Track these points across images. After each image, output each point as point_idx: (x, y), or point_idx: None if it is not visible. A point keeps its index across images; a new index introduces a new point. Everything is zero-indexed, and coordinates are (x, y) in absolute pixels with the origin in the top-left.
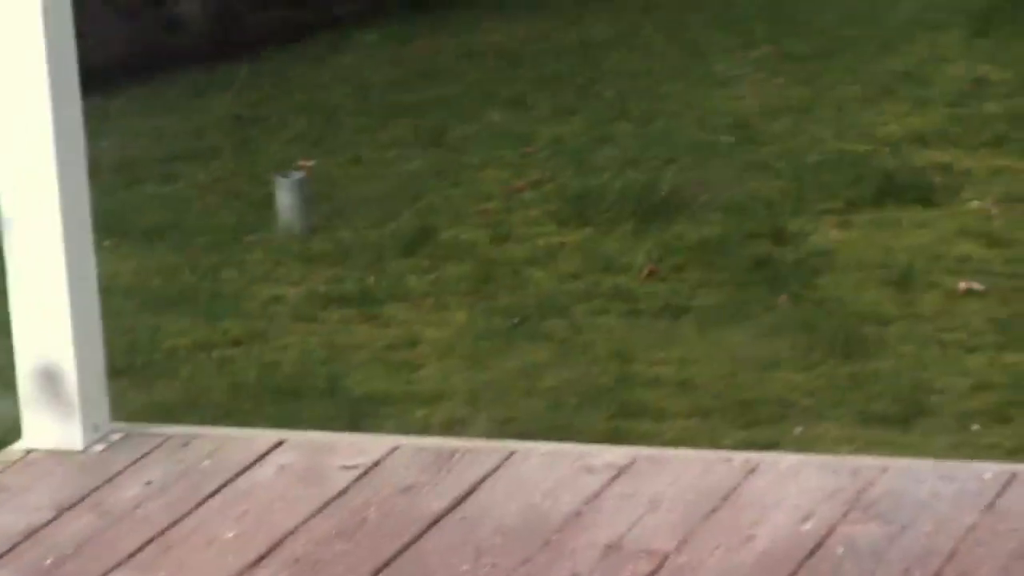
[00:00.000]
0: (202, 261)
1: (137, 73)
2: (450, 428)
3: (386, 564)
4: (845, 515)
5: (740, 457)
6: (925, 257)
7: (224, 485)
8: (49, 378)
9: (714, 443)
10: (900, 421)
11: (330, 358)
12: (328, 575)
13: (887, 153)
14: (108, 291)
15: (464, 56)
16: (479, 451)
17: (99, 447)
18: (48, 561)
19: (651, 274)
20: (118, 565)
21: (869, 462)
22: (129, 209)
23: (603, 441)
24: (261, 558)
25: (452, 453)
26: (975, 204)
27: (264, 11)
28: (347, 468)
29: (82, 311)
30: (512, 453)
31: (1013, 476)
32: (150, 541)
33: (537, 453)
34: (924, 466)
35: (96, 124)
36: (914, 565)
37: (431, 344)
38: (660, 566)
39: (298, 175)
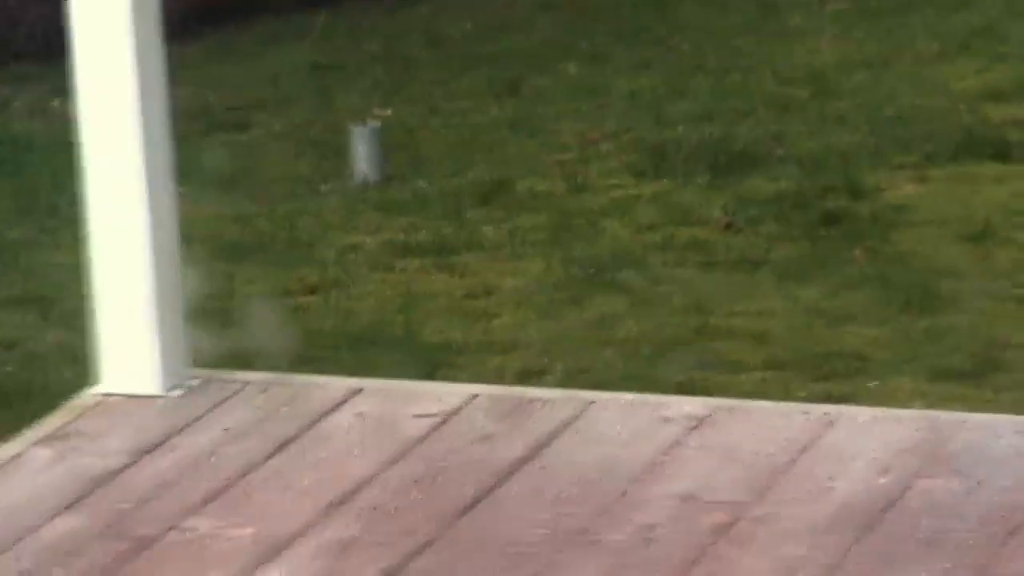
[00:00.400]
0: (278, 209)
1: (213, 21)
2: (525, 378)
3: (464, 512)
4: (923, 469)
5: (818, 409)
6: (1002, 213)
7: (302, 432)
8: (128, 323)
9: (789, 395)
10: (974, 376)
11: (406, 307)
12: (406, 522)
13: (964, 109)
14: (184, 238)
15: (540, 8)
16: (556, 401)
17: (177, 392)
18: (126, 505)
19: (727, 227)
20: (195, 510)
21: (947, 416)
22: (205, 157)
23: (678, 392)
24: (338, 504)
25: (529, 402)
26: None
27: None
28: (424, 416)
29: (161, 257)
30: (590, 403)
31: None
32: (227, 486)
33: (615, 403)
34: (1002, 421)
35: (172, 71)
36: (992, 520)
37: (507, 294)
38: (738, 517)
39: (374, 124)
